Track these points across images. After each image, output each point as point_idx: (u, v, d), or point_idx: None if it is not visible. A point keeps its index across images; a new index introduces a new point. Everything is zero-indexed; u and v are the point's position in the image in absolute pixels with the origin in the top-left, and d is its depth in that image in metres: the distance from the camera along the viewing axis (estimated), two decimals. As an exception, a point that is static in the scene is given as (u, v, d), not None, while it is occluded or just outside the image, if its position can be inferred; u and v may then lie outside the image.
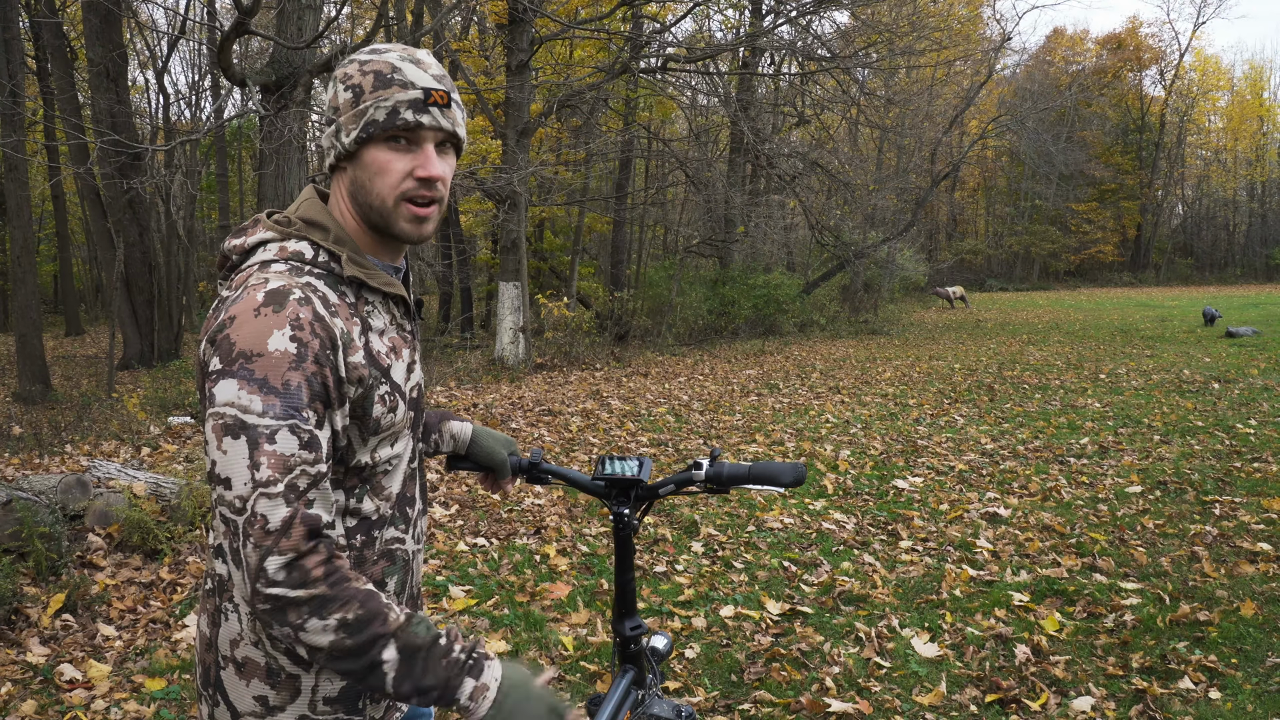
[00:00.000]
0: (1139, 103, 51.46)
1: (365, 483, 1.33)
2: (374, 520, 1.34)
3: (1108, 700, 3.23)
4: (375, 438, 1.31)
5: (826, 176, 19.80)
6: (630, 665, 1.82)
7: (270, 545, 1.13)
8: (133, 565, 4.46)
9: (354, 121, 1.28)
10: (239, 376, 1.15)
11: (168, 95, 21.79)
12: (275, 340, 1.17)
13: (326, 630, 1.13)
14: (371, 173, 1.30)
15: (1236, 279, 46.20)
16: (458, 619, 3.99)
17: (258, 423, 1.14)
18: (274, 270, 1.25)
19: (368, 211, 1.33)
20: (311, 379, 1.18)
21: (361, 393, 1.26)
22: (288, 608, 1.13)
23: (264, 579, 1.12)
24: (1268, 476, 6.20)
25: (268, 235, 1.31)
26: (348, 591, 1.15)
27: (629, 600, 1.81)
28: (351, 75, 1.30)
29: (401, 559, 1.40)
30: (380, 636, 1.15)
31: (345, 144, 1.29)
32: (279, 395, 1.15)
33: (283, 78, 8.70)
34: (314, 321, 1.20)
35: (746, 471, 1.70)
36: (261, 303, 1.19)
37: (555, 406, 9.52)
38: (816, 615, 4.04)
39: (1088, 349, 15.26)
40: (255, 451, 1.13)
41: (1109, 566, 4.52)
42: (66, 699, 3.25)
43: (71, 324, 24.00)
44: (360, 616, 1.15)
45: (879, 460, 7.05)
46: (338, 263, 1.30)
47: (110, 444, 7.23)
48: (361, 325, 1.29)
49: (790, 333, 19.42)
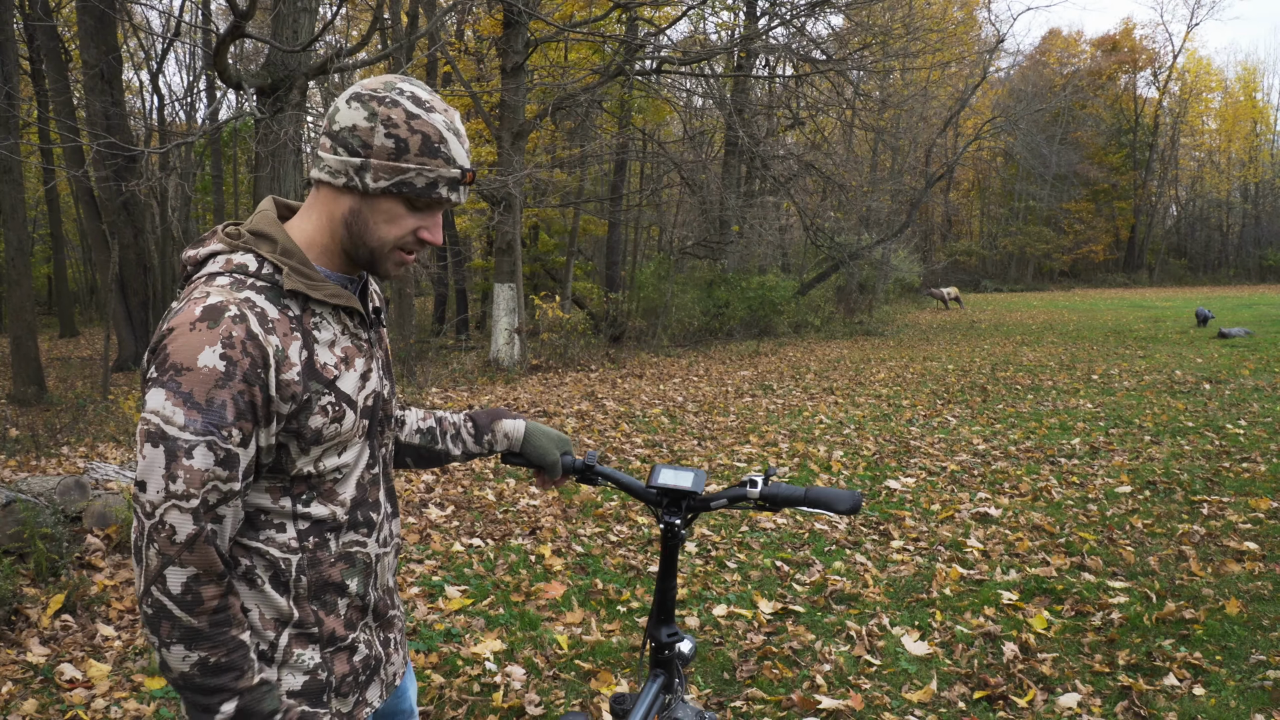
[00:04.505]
0: (1133, 104, 51.63)
1: (313, 489, 1.35)
2: (328, 524, 1.37)
3: (1094, 697, 3.29)
4: (318, 447, 1.33)
5: (821, 178, 19.87)
6: (661, 670, 1.86)
7: (173, 555, 1.19)
8: (131, 566, 4.49)
9: (388, 174, 1.29)
10: (167, 388, 1.20)
11: (162, 97, 21.79)
12: (205, 357, 1.20)
13: (186, 661, 1.21)
14: (380, 220, 1.33)
15: (1229, 280, 46.36)
16: (453, 619, 4.03)
17: (178, 435, 1.18)
18: (216, 284, 1.27)
19: (357, 245, 1.35)
20: (238, 397, 1.21)
21: (295, 408, 1.28)
22: (163, 621, 1.20)
23: (160, 586, 1.19)
24: (1256, 476, 6.26)
25: (218, 247, 1.33)
26: (222, 636, 1.22)
27: (669, 607, 1.84)
28: (396, 124, 1.28)
29: (362, 562, 1.42)
30: (228, 690, 1.22)
31: (370, 186, 1.30)
32: (201, 411, 1.19)
33: (278, 80, 8.73)
34: (246, 340, 1.22)
35: (803, 494, 1.70)
36: (198, 317, 1.22)
37: (550, 408, 9.56)
38: (808, 614, 4.09)
39: (1081, 350, 15.33)
40: (172, 463, 1.18)
41: (1097, 566, 4.58)
42: (67, 698, 3.28)
43: (66, 326, 23.98)
44: (220, 664, 1.21)
45: (872, 461, 7.10)
46: (281, 275, 1.31)
47: (107, 446, 7.25)
48: (304, 339, 1.30)
49: (785, 334, 19.47)
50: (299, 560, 1.34)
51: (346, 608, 1.41)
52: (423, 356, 13.75)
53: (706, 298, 18.53)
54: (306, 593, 1.36)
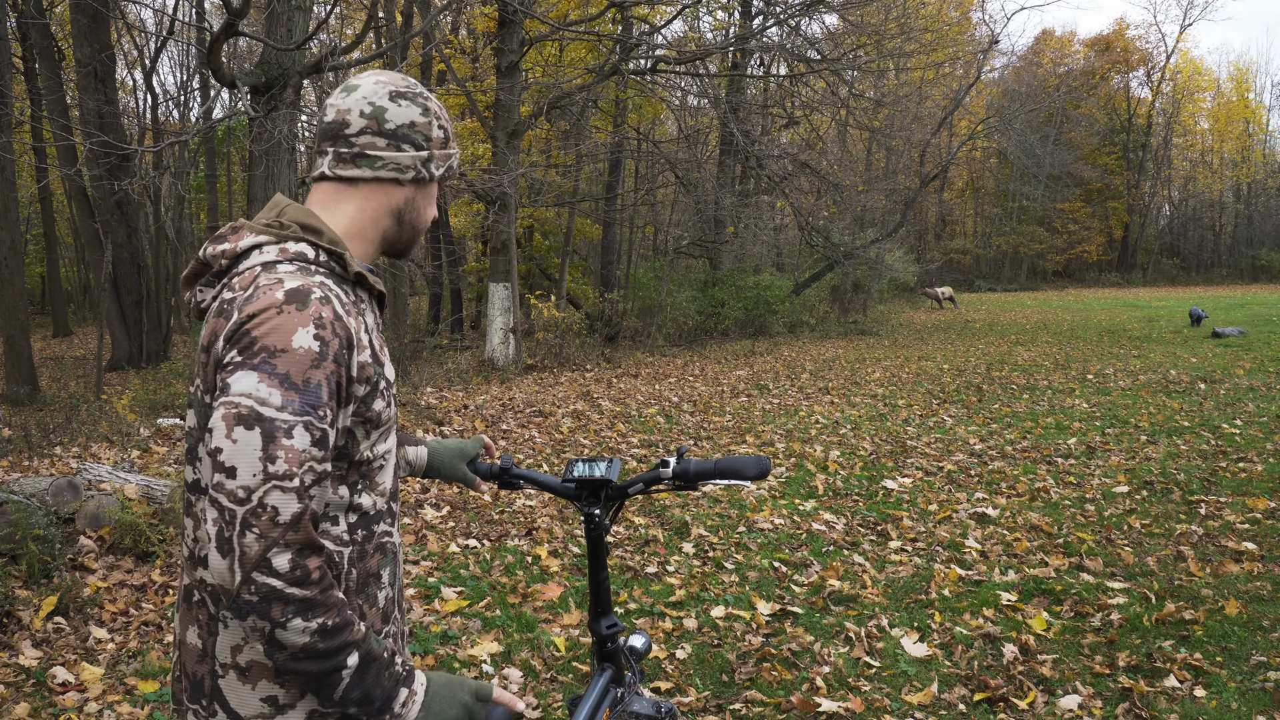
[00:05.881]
0: (1126, 104, 51.74)
1: (364, 478, 1.36)
2: (371, 515, 1.38)
3: (1094, 699, 3.27)
4: (376, 431, 1.35)
5: (816, 177, 19.86)
6: (608, 664, 1.85)
7: (277, 537, 1.15)
8: (124, 568, 4.46)
9: (443, 161, 1.47)
10: (260, 370, 1.18)
11: (156, 96, 21.69)
12: (300, 338, 1.20)
13: (306, 632, 1.18)
14: (427, 204, 1.49)
15: (1223, 279, 46.47)
16: (450, 620, 4.00)
17: (275, 416, 1.17)
18: (283, 270, 1.28)
19: (403, 230, 1.47)
20: (330, 378, 1.22)
21: (367, 390, 1.31)
22: (275, 602, 1.16)
23: (265, 569, 1.14)
24: (1253, 476, 6.27)
25: (260, 239, 1.33)
26: (333, 599, 1.20)
27: (604, 599, 1.84)
28: (440, 117, 1.46)
29: (392, 551, 1.44)
30: (349, 644, 1.21)
31: (434, 174, 1.45)
32: (299, 391, 1.19)
33: (272, 79, 8.69)
34: (335, 321, 1.24)
35: (713, 467, 1.74)
36: (283, 300, 1.22)
37: (546, 408, 9.53)
38: (807, 615, 4.07)
39: (1075, 349, 15.35)
40: (270, 444, 1.16)
41: (1096, 566, 4.57)
42: (59, 701, 3.25)
43: (59, 325, 23.88)
44: (337, 624, 1.20)
45: (868, 461, 7.09)
46: (339, 262, 1.34)
47: (100, 446, 7.21)
48: (364, 323, 1.33)
49: (780, 333, 19.46)
50: (350, 553, 1.35)
51: (384, 600, 1.41)
52: (417, 356, 13.71)
53: (702, 297, 18.53)
54: (355, 586, 1.35)
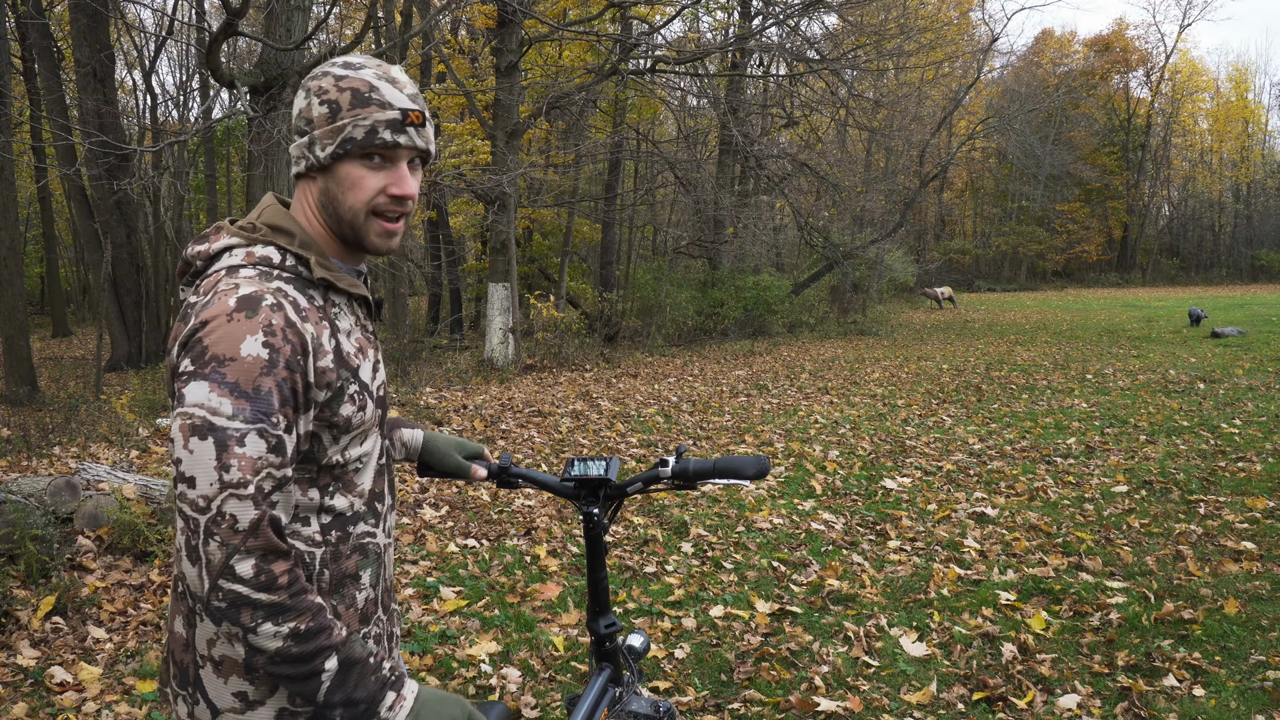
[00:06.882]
0: (1125, 104, 51.74)
1: (337, 480, 1.37)
2: (347, 516, 1.38)
3: (1093, 698, 3.27)
4: (346, 436, 1.35)
5: (815, 178, 19.86)
6: (606, 663, 1.85)
7: (238, 544, 1.16)
8: (123, 567, 4.45)
9: (330, 137, 1.32)
10: (210, 379, 1.18)
11: (155, 96, 21.69)
12: (248, 345, 1.20)
13: (278, 636, 1.18)
14: (345, 187, 1.34)
15: (1222, 279, 46.45)
16: (448, 620, 4.00)
17: (227, 425, 1.17)
18: (243, 275, 1.28)
19: (337, 223, 1.37)
20: (282, 384, 1.22)
21: (330, 395, 1.30)
22: (243, 607, 1.17)
23: (229, 575, 1.16)
24: (1252, 476, 6.27)
25: (233, 241, 1.34)
26: (305, 603, 1.20)
27: (602, 599, 1.84)
28: (326, 90, 1.33)
29: (374, 552, 1.43)
30: (325, 648, 1.21)
31: (320, 157, 1.33)
32: (249, 399, 1.19)
33: (271, 79, 8.69)
34: (286, 328, 1.23)
35: (711, 466, 1.73)
36: (234, 308, 1.22)
37: (545, 408, 9.53)
38: (805, 615, 4.07)
39: (1074, 349, 15.35)
40: (224, 453, 1.17)
41: (1095, 566, 4.57)
42: (57, 701, 3.25)
43: (58, 325, 23.88)
44: (311, 628, 1.20)
45: (867, 460, 7.09)
46: (306, 266, 1.33)
47: (99, 446, 7.20)
48: (330, 328, 1.32)
49: (779, 333, 19.46)
50: (322, 554, 1.35)
51: (364, 601, 1.41)
52: (417, 356, 13.71)
53: (701, 297, 18.52)
54: (328, 587, 1.36)
